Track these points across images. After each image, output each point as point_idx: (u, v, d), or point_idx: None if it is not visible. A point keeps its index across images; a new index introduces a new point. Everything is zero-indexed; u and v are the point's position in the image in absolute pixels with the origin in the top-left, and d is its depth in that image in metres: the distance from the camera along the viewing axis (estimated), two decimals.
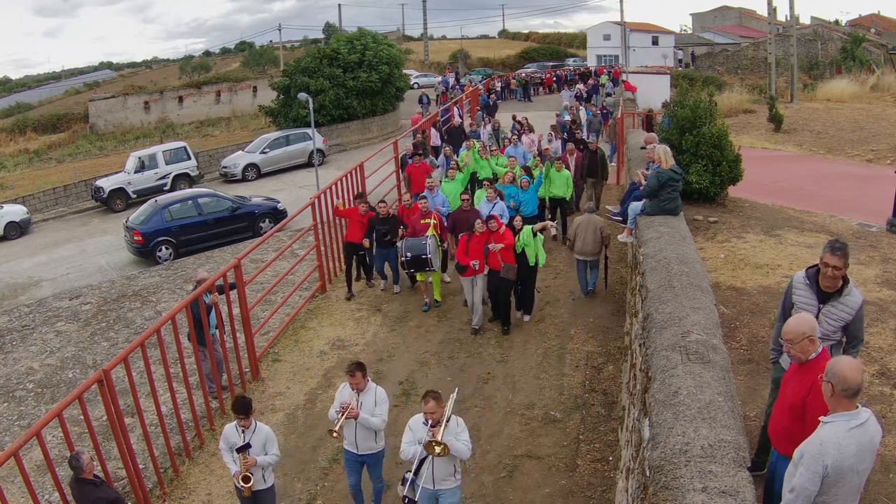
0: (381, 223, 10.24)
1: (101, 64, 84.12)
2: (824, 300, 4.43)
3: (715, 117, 11.14)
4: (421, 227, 9.99)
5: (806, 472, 3.20)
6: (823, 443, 3.19)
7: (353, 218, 10.43)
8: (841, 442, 3.16)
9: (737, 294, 7.97)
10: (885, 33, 50.87)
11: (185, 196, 16.82)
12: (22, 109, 48.90)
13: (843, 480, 3.20)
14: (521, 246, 8.90)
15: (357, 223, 10.41)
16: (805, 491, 3.21)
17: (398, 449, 5.46)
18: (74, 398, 5.63)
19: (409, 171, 13.82)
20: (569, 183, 12.11)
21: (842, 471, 3.17)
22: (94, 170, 27.77)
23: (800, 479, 3.22)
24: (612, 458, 6.39)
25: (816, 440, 3.24)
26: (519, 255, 8.91)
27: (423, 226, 10.01)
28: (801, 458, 3.26)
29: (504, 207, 10.47)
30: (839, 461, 3.15)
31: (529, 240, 8.90)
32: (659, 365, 4.43)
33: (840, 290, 4.39)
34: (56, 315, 11.68)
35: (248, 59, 62.39)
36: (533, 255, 8.97)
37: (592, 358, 8.26)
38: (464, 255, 8.97)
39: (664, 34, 54.40)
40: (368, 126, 29.54)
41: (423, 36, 61.15)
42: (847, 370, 3.20)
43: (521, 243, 8.91)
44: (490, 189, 10.62)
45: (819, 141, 20.52)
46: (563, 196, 12.04)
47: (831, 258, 4.28)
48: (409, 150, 14.71)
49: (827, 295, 4.42)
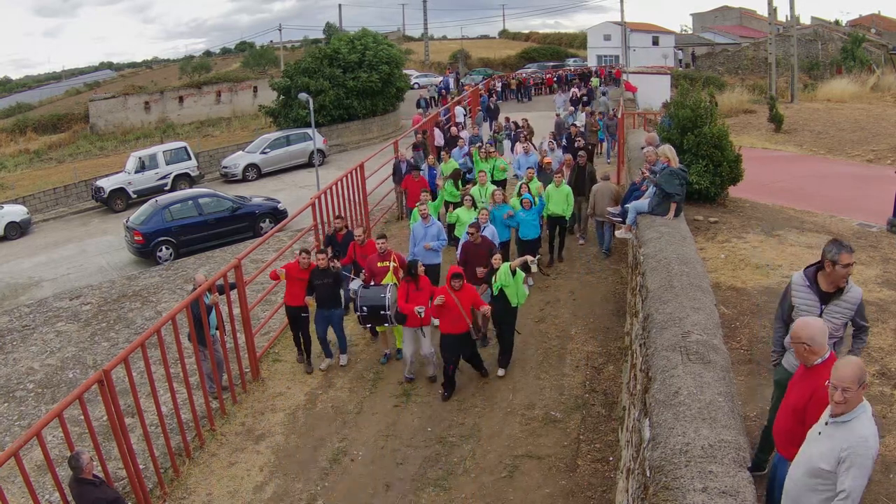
0: (319, 276, 8.30)
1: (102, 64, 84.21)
2: (826, 300, 4.40)
3: (716, 117, 11.14)
4: (379, 271, 8.46)
5: (860, 472, 3.22)
6: (868, 437, 3.23)
7: (292, 275, 8.43)
8: (874, 430, 3.27)
9: (737, 294, 7.97)
10: (885, 33, 50.86)
11: (185, 196, 16.82)
12: (22, 109, 48.89)
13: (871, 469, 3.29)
14: (498, 287, 7.88)
15: (296, 280, 8.42)
16: (860, 490, 3.24)
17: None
18: (75, 398, 5.63)
19: (405, 185, 13.05)
20: (569, 200, 10.92)
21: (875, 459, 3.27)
22: (94, 170, 27.77)
23: (855, 481, 3.21)
24: (613, 459, 6.39)
25: (860, 438, 3.24)
26: (497, 296, 7.92)
27: (381, 270, 8.46)
28: (844, 461, 3.23)
29: (495, 232, 9.49)
30: (876, 449, 3.26)
31: (508, 279, 7.85)
32: (659, 365, 4.43)
33: (841, 288, 4.37)
34: (56, 315, 11.69)
35: (248, 59, 62.41)
36: (513, 296, 7.95)
37: (593, 358, 8.26)
38: (405, 302, 7.77)
39: (664, 34, 54.40)
40: (369, 126, 29.54)
41: (424, 36, 61.10)
42: (859, 365, 3.28)
43: (499, 284, 7.87)
44: (482, 211, 9.67)
45: (819, 141, 20.51)
46: (563, 214, 10.87)
47: (847, 257, 4.22)
48: (402, 156, 14.07)
49: (828, 295, 4.39)
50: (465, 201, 10.47)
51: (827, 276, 4.36)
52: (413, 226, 9.88)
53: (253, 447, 7.29)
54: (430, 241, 9.44)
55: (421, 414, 7.60)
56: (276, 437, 7.49)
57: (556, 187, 10.82)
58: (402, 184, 13.32)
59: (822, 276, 4.41)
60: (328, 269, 8.31)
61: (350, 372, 8.65)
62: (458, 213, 10.30)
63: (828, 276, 4.35)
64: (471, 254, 8.77)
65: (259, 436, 7.51)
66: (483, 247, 8.70)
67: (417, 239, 9.62)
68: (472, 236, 8.80)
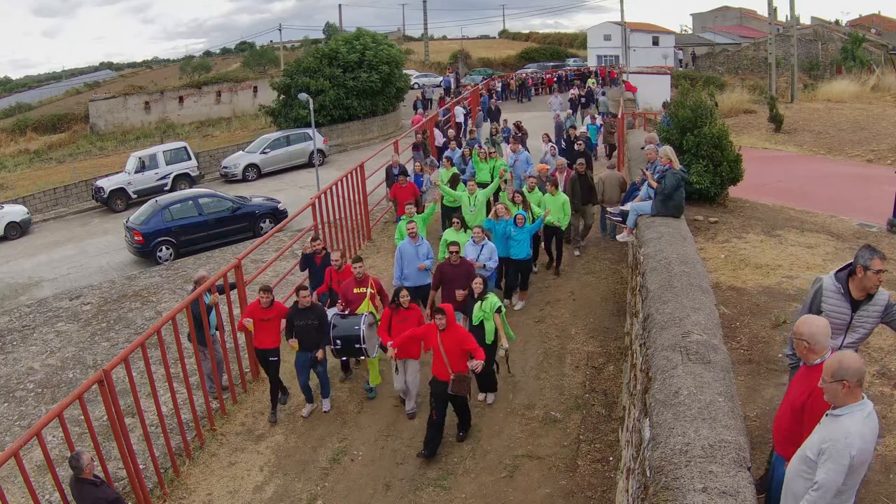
0: (299, 316, 7.43)
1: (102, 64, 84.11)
2: (856, 308, 4.33)
3: (716, 117, 11.14)
4: (355, 298, 7.77)
5: (835, 466, 3.20)
6: (849, 434, 3.20)
7: (256, 317, 7.51)
8: (862, 430, 3.22)
9: (737, 294, 7.97)
10: (885, 33, 50.87)
11: (185, 196, 16.81)
12: (22, 110, 48.89)
13: (858, 471, 3.25)
14: (478, 319, 7.23)
15: (261, 322, 7.52)
16: (833, 485, 3.22)
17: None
18: (75, 398, 5.63)
19: (394, 193, 12.33)
20: (565, 209, 10.32)
21: (863, 460, 3.22)
22: (94, 170, 27.78)
23: (828, 475, 3.22)
24: (613, 459, 6.39)
25: (840, 433, 3.23)
26: (476, 328, 7.28)
27: (357, 297, 7.77)
28: (824, 453, 3.25)
29: (494, 250, 8.86)
30: (862, 449, 3.20)
31: (490, 314, 7.22)
32: (659, 365, 4.43)
33: (871, 295, 4.30)
34: (56, 315, 11.69)
35: (248, 59, 62.41)
36: (491, 333, 7.29)
37: (593, 358, 8.26)
38: (386, 334, 7.18)
39: (664, 34, 54.40)
40: (369, 126, 29.55)
41: (424, 36, 61.19)
42: (854, 362, 3.26)
43: (479, 315, 7.22)
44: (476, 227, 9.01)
45: (819, 141, 20.50)
46: (559, 224, 10.30)
47: (880, 263, 4.17)
48: (394, 162, 13.43)
49: (858, 302, 4.32)
50: (454, 223, 9.48)
51: (858, 281, 4.27)
52: (400, 245, 8.99)
53: (253, 447, 7.29)
54: (424, 261, 8.77)
55: (421, 414, 7.60)
56: (276, 436, 7.49)
57: (551, 196, 10.28)
58: (391, 192, 12.70)
59: (853, 282, 4.31)
60: (312, 307, 7.46)
61: (350, 372, 8.64)
62: (446, 236, 9.36)
63: (858, 281, 4.27)
64: (447, 275, 8.13)
65: (259, 436, 7.51)
66: (462, 268, 8.08)
67: (406, 259, 8.79)
68: (452, 256, 8.14)
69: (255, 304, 7.55)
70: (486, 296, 7.30)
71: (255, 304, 7.58)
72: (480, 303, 7.26)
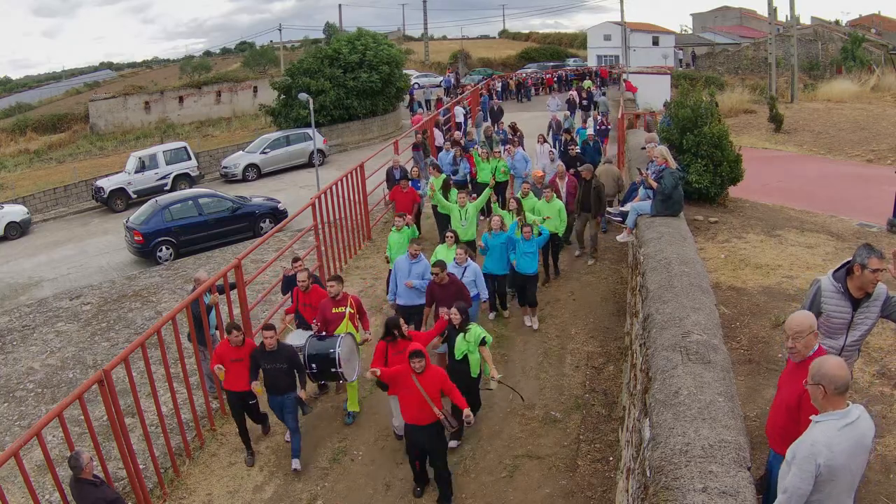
0: (266, 359, 6.68)
1: (102, 64, 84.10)
2: (857, 306, 4.34)
3: (716, 117, 11.14)
4: (333, 317, 7.32)
5: (799, 472, 3.20)
6: (815, 442, 3.20)
7: (226, 359, 6.81)
8: (832, 441, 3.17)
9: (737, 294, 7.97)
10: (885, 33, 50.87)
11: (185, 196, 16.83)
12: (22, 109, 48.93)
13: (837, 479, 3.21)
14: (461, 352, 6.70)
15: (231, 363, 6.80)
16: (798, 490, 3.22)
17: None
18: (75, 398, 5.64)
19: (392, 196, 12.11)
20: (562, 215, 10.10)
21: (834, 470, 3.18)
22: (94, 170, 27.80)
23: (792, 480, 3.23)
24: (613, 459, 6.39)
25: (808, 440, 3.24)
26: (459, 362, 6.75)
27: (335, 316, 7.33)
28: (794, 458, 3.26)
29: (478, 272, 8.22)
30: (831, 460, 3.16)
31: (474, 346, 6.70)
32: (659, 365, 4.43)
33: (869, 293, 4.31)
34: (56, 315, 11.69)
35: (248, 59, 62.41)
36: (476, 366, 6.81)
37: (593, 358, 8.26)
38: (383, 365, 6.38)
39: (664, 34, 54.42)
40: (369, 126, 29.56)
41: (424, 36, 61.20)
42: (834, 368, 3.22)
43: (462, 349, 6.69)
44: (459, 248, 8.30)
45: (819, 141, 20.50)
46: (556, 231, 10.01)
47: (877, 262, 4.17)
48: (395, 163, 13.13)
49: (858, 300, 4.33)
50: (447, 238, 8.88)
51: (856, 280, 4.27)
52: (397, 260, 8.47)
53: (253, 447, 7.29)
54: (414, 280, 8.16)
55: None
56: (276, 436, 7.49)
57: (546, 203, 10.03)
58: (390, 195, 12.42)
59: (851, 280, 4.31)
60: (280, 349, 6.67)
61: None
62: (437, 252, 8.81)
63: (857, 280, 4.27)
64: (437, 295, 7.61)
65: (259, 436, 7.51)
66: (451, 287, 7.53)
67: (400, 276, 8.29)
68: (437, 277, 7.53)
69: (224, 344, 6.85)
70: (468, 327, 6.74)
71: (223, 344, 6.88)
72: (463, 335, 6.71)
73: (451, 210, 10.16)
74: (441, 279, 7.55)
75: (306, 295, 7.76)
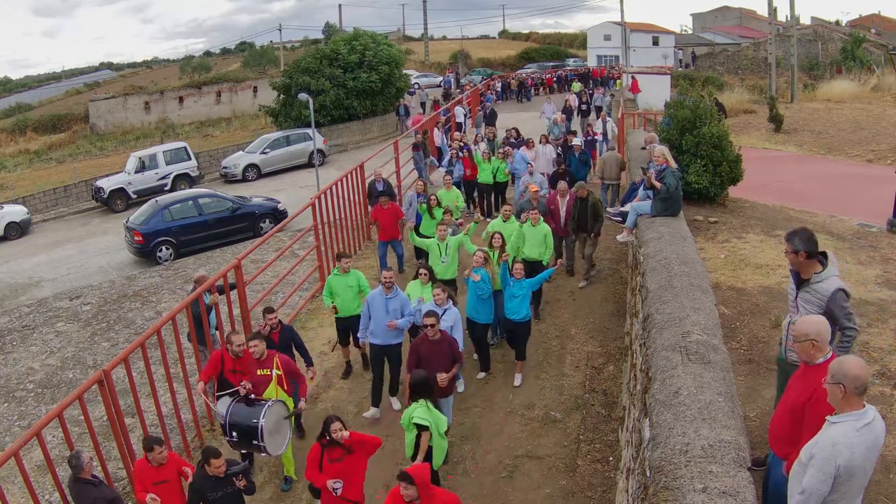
0: (213, 488, 5.20)
1: (101, 64, 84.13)
2: (800, 285, 4.64)
3: (716, 117, 11.14)
4: (259, 380, 6.22)
5: (818, 474, 3.18)
6: (836, 443, 3.17)
7: (147, 482, 5.28)
8: (853, 442, 3.17)
9: (737, 294, 7.97)
10: (885, 34, 50.87)
11: (185, 196, 16.83)
12: (22, 110, 48.93)
13: (853, 479, 3.21)
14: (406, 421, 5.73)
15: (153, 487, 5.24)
16: (817, 492, 3.20)
17: None
18: (75, 398, 5.64)
19: (374, 216, 10.96)
20: (547, 241, 9.06)
21: (852, 470, 3.17)
22: (94, 170, 27.79)
23: (811, 481, 3.20)
24: (613, 459, 6.39)
25: (828, 441, 3.21)
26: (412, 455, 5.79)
27: (261, 379, 6.23)
28: (811, 459, 3.23)
29: (457, 317, 6.96)
30: (850, 461, 3.15)
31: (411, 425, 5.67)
32: (659, 365, 4.43)
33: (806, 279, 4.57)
34: (56, 315, 11.69)
35: (248, 59, 62.46)
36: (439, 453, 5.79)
37: (593, 358, 8.26)
38: (317, 472, 5.22)
39: (664, 34, 54.46)
40: (369, 126, 29.56)
41: (424, 36, 61.17)
42: (855, 368, 3.20)
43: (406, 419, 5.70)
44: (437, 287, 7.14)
45: (819, 141, 20.49)
46: (539, 258, 9.02)
47: (786, 244, 4.62)
48: (378, 176, 12.11)
49: (803, 281, 4.63)
50: (420, 276, 7.71)
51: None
52: (369, 295, 7.43)
53: None
54: (395, 319, 7.19)
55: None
56: None
57: (532, 226, 9.01)
58: (372, 213, 11.22)
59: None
60: (225, 477, 5.17)
61: (349, 372, 8.63)
62: (410, 289, 7.72)
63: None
64: (424, 355, 6.29)
65: None
66: (443, 346, 6.32)
67: (374, 313, 7.23)
68: (430, 330, 6.29)
69: (142, 463, 5.35)
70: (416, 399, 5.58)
71: (141, 463, 5.37)
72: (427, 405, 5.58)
73: (430, 247, 8.89)
74: (433, 334, 6.30)
75: (238, 361, 6.37)
